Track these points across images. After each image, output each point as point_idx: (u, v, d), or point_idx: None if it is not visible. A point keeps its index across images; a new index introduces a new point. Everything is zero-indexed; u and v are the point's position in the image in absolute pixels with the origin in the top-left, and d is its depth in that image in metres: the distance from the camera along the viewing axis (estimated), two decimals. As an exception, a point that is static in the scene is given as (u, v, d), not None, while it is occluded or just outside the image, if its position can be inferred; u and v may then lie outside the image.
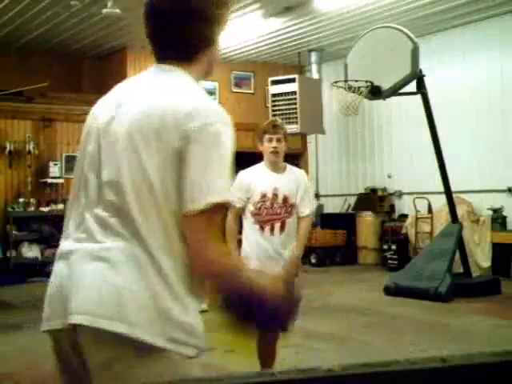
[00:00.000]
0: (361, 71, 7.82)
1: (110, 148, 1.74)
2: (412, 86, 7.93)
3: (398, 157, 11.59)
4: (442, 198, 8.68)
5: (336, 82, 8.05)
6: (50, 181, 10.75)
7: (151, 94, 1.76)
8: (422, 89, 7.83)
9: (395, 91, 7.77)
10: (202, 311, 1.93)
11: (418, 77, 7.74)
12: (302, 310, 4.96)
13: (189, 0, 1.80)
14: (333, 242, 11.68)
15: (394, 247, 10.65)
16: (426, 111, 7.91)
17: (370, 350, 5.40)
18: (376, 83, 7.72)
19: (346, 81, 7.91)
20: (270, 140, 4.21)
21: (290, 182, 4.19)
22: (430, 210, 10.40)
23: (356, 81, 7.73)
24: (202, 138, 1.65)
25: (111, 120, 1.76)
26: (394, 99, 8.25)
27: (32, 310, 7.74)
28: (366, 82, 7.67)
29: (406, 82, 7.67)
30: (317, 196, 13.22)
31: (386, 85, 7.73)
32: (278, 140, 4.20)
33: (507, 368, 1.03)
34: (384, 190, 11.85)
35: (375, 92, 7.77)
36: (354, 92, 7.77)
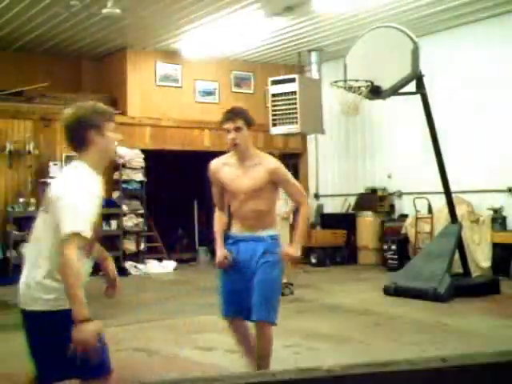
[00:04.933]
0: (360, 71, 7.80)
1: None
2: (412, 86, 7.93)
3: (398, 157, 11.58)
4: (442, 198, 8.68)
5: (336, 82, 8.04)
6: (49, 181, 10.72)
7: None
8: (421, 89, 7.82)
9: (395, 91, 7.75)
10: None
11: (418, 77, 7.73)
12: (301, 309, 4.92)
13: None
14: (333, 242, 11.67)
15: (393, 247, 10.64)
16: (425, 111, 7.91)
17: (370, 350, 5.40)
18: (376, 83, 7.71)
19: (345, 80, 7.90)
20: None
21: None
22: (430, 210, 10.40)
23: (356, 80, 7.72)
24: None
25: None
26: (394, 99, 8.24)
27: (32, 310, 7.75)
28: (367, 81, 7.66)
29: (406, 81, 7.66)
30: (317, 196, 13.22)
31: (385, 85, 7.71)
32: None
33: (507, 368, 1.03)
34: (384, 190, 11.84)
35: (375, 92, 7.76)
36: (354, 92, 7.75)
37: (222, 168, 4.01)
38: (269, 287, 3.88)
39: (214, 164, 4.06)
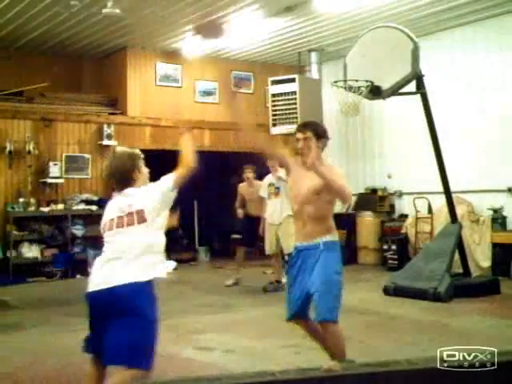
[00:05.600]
0: (360, 71, 7.79)
1: None
2: (411, 86, 7.93)
3: (398, 157, 11.58)
4: (442, 198, 8.67)
5: (336, 82, 8.03)
6: (49, 181, 10.75)
7: None
8: (421, 89, 7.82)
9: (395, 91, 7.75)
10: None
11: (418, 77, 7.72)
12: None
13: None
14: (333, 241, 11.67)
15: (394, 247, 10.63)
16: (425, 111, 7.90)
17: (370, 350, 5.40)
18: (376, 83, 7.70)
19: (345, 80, 7.90)
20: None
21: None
22: (430, 210, 10.40)
23: (356, 80, 7.71)
24: None
25: None
26: (394, 99, 8.24)
27: (32, 309, 7.74)
28: (367, 81, 7.65)
29: (406, 81, 7.65)
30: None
31: (385, 85, 7.71)
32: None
33: (507, 368, 1.03)
34: (384, 190, 11.84)
35: (375, 92, 7.75)
36: (354, 92, 7.74)
37: (295, 164, 4.33)
38: (327, 288, 4.14)
39: (293, 158, 4.44)
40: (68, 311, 7.48)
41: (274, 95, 11.09)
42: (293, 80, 10.96)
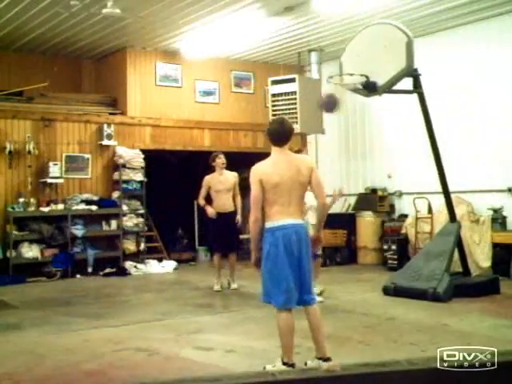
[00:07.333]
0: (356, 69, 7.77)
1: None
2: (410, 86, 7.91)
3: (398, 157, 11.58)
4: (442, 198, 8.66)
5: (331, 77, 8.00)
6: (49, 181, 10.75)
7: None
8: (418, 88, 7.79)
9: (391, 86, 7.70)
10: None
11: (414, 76, 7.70)
12: (301, 309, 4.90)
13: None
14: (333, 241, 11.67)
15: (394, 247, 10.63)
16: (422, 111, 7.88)
17: (370, 350, 5.40)
18: (372, 79, 7.66)
19: (341, 75, 7.86)
20: None
21: None
22: (429, 210, 10.40)
23: (351, 74, 7.68)
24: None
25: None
26: (393, 99, 8.23)
27: (32, 310, 7.74)
28: (361, 75, 7.60)
29: (401, 76, 7.58)
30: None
31: (381, 80, 7.67)
32: None
33: (507, 368, 1.03)
34: (384, 190, 11.84)
35: (371, 88, 7.72)
36: (350, 90, 7.73)
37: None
38: None
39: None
40: (68, 311, 7.49)
41: (274, 95, 11.09)
42: (293, 80, 10.96)
